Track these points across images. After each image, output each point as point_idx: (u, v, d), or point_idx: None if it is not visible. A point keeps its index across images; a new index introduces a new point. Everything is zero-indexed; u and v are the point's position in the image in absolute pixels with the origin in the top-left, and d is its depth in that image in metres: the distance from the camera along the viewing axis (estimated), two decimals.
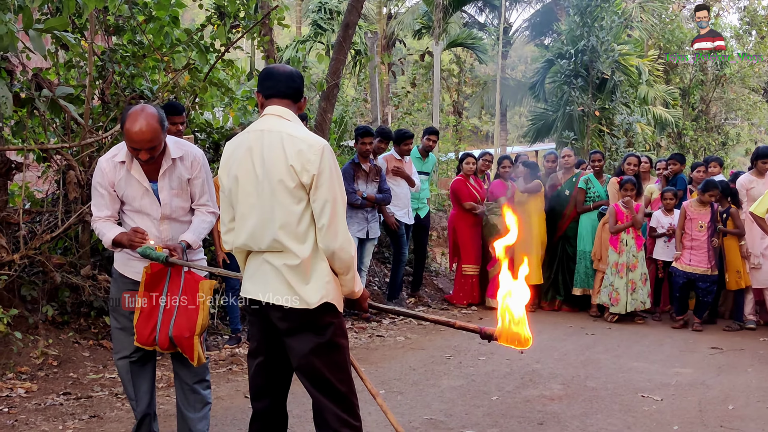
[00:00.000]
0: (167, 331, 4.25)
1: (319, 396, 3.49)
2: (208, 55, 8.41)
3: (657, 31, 27.12)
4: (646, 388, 6.53)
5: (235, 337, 7.80)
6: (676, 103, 26.06)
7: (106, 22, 7.92)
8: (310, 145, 3.35)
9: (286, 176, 3.34)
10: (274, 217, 3.38)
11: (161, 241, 4.39)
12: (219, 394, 6.20)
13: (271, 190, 3.38)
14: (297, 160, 3.33)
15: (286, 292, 3.40)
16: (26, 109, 7.06)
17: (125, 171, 4.30)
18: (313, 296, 3.39)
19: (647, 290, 9.64)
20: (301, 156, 3.33)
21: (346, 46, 11.27)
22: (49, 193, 8.05)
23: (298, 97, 3.62)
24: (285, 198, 3.35)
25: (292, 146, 3.35)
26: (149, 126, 4.06)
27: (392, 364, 7.33)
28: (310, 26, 26.89)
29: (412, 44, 34.44)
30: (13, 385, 6.05)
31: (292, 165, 3.33)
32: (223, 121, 10.02)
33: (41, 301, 7.06)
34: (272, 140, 3.41)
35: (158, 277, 4.33)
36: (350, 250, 3.43)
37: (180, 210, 4.47)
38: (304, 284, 3.39)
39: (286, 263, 3.38)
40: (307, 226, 3.40)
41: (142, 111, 4.03)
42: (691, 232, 9.31)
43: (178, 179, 4.41)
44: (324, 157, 3.35)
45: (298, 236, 3.38)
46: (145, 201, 4.36)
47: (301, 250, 3.37)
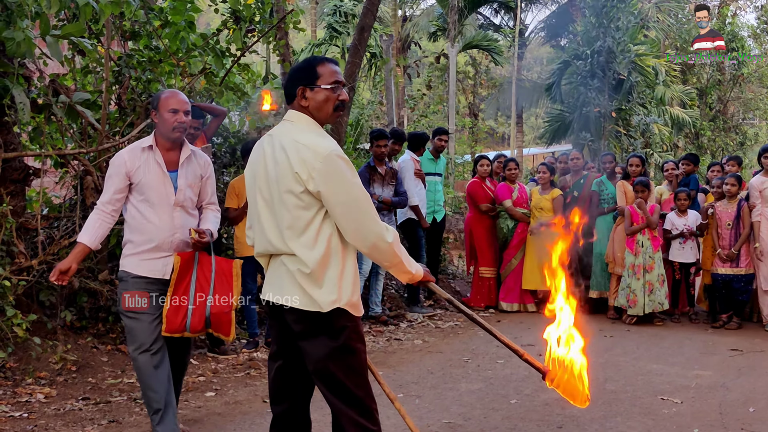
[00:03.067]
0: (203, 312, 4.56)
1: (335, 401, 3.47)
2: (224, 60, 8.44)
3: (673, 31, 27.00)
4: (665, 391, 6.48)
5: (252, 341, 7.81)
6: (693, 104, 25.93)
7: (123, 27, 7.95)
8: (315, 152, 3.30)
9: (292, 182, 3.33)
10: (282, 222, 3.38)
11: (174, 229, 4.69)
12: (237, 399, 6.21)
13: (279, 195, 3.39)
14: (302, 167, 3.30)
15: (300, 295, 3.39)
16: (43, 115, 7.09)
17: (147, 156, 4.67)
18: (326, 300, 3.37)
19: (665, 291, 9.59)
20: (305, 163, 3.29)
21: (362, 49, 11.26)
22: (66, 198, 8.08)
23: (289, 98, 3.57)
24: (292, 204, 3.34)
25: (296, 153, 3.32)
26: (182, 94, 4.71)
27: (410, 368, 7.31)
28: (325, 29, 26.89)
29: (427, 47, 34.43)
30: (32, 390, 6.07)
31: (297, 172, 3.31)
32: (239, 125, 10.03)
33: (59, 307, 7.09)
34: (281, 145, 3.41)
35: (188, 263, 4.65)
36: (387, 238, 3.37)
37: (190, 201, 4.80)
38: (317, 288, 3.36)
39: (300, 268, 3.37)
40: (317, 232, 3.36)
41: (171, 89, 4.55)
42: (721, 231, 9.33)
43: (194, 173, 4.81)
44: (330, 163, 3.29)
45: (306, 242, 3.35)
46: (162, 187, 4.66)
47: (310, 256, 3.35)
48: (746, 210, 9.32)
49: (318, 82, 3.47)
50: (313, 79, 3.48)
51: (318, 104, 3.49)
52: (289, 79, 3.57)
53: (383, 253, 3.41)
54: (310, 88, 3.47)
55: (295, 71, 3.57)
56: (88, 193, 7.06)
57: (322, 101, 3.49)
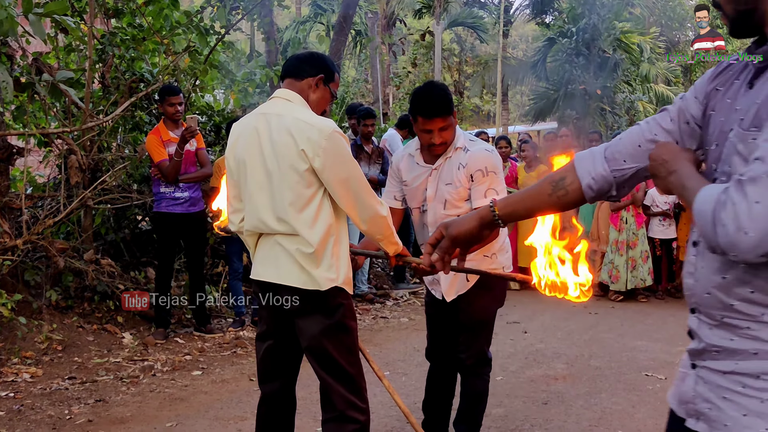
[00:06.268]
0: None
1: (327, 377, 3.49)
2: (208, 38, 8.39)
3: (658, 8, 27.01)
4: (650, 367, 6.54)
5: (239, 320, 7.81)
6: (677, 81, 26.00)
7: (106, 5, 7.90)
8: (320, 130, 3.33)
9: (297, 160, 3.33)
10: (284, 200, 3.38)
11: None
12: (224, 377, 6.22)
13: (281, 174, 3.38)
14: (308, 145, 3.31)
15: (298, 274, 3.40)
16: (27, 93, 7.04)
17: None
18: (324, 279, 3.39)
19: (648, 268, 9.65)
20: (311, 141, 3.31)
21: (347, 26, 11.23)
22: (50, 177, 8.05)
23: (299, 74, 3.59)
24: (295, 182, 3.34)
25: (300, 131, 3.34)
26: None
27: (396, 345, 7.34)
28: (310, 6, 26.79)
29: (412, 24, 34.30)
30: (18, 370, 6.06)
31: (303, 149, 3.32)
32: (224, 104, 10.00)
33: (45, 286, 7.07)
34: (280, 124, 3.41)
35: None
36: (382, 212, 3.49)
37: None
38: (315, 267, 3.39)
39: (299, 248, 3.38)
40: (317, 210, 3.39)
41: None
42: None
43: None
44: (334, 141, 3.34)
45: (307, 220, 3.37)
46: None
47: (311, 235, 3.37)
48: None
49: (331, 84, 3.64)
50: (330, 79, 3.63)
51: (319, 100, 3.61)
52: (311, 62, 3.63)
53: (379, 225, 3.50)
54: (325, 83, 3.60)
55: (322, 60, 3.69)
56: (73, 172, 7.03)
57: (323, 100, 3.63)
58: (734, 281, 1.67)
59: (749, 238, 1.47)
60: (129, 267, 7.96)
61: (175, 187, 7.11)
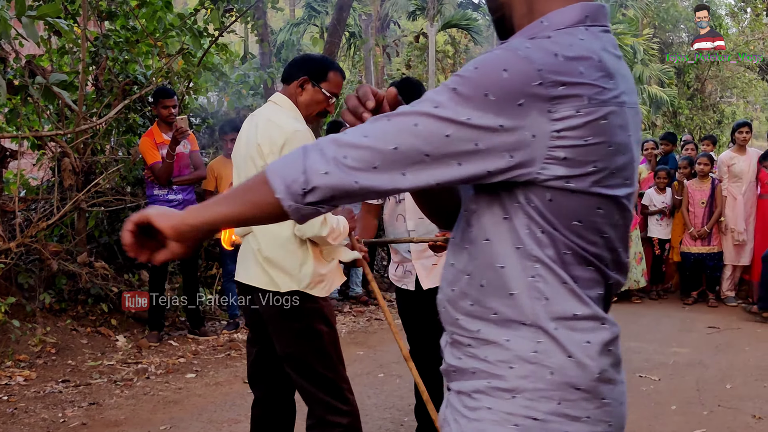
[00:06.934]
0: None
1: (303, 383, 3.47)
2: (202, 40, 8.39)
3: (651, 9, 27.06)
4: (643, 368, 6.54)
5: (232, 323, 7.80)
6: (671, 82, 26.01)
7: (99, 7, 7.88)
8: (281, 129, 3.31)
9: (255, 155, 3.35)
10: None
11: None
12: (218, 380, 6.21)
13: (245, 169, 3.42)
14: (265, 140, 3.32)
15: (260, 275, 3.40)
16: (20, 96, 7.02)
17: None
18: (283, 281, 3.37)
19: (642, 269, 9.68)
20: (270, 138, 3.31)
21: (341, 28, 11.23)
22: (44, 180, 8.03)
23: (287, 78, 3.57)
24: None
25: (265, 129, 3.35)
26: None
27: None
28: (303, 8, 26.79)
29: (406, 26, 34.28)
30: (11, 373, 6.05)
31: (259, 144, 3.33)
32: (217, 106, 9.99)
33: (38, 289, 7.06)
34: (254, 123, 3.45)
35: None
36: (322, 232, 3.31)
37: None
38: (272, 267, 3.38)
39: (259, 248, 3.39)
40: None
41: None
42: (694, 209, 9.43)
43: None
44: (289, 140, 3.27)
45: None
46: None
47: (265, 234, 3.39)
48: (720, 189, 9.42)
49: (323, 83, 3.52)
50: (320, 79, 3.51)
51: (309, 101, 3.52)
52: (297, 65, 3.59)
53: (322, 241, 3.38)
54: (313, 83, 3.50)
55: (309, 61, 3.62)
56: (66, 174, 7.03)
57: (314, 101, 3.52)
58: (459, 294, 1.61)
59: None
60: (122, 269, 7.94)
61: (168, 189, 7.10)
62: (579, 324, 1.53)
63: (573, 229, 1.48)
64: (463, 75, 1.42)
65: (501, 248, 1.51)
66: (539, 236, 1.48)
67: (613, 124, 1.44)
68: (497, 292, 1.53)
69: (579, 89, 1.40)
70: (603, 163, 1.44)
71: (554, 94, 1.39)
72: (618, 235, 1.55)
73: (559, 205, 1.45)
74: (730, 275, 9.48)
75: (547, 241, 1.48)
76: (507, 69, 1.39)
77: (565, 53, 1.43)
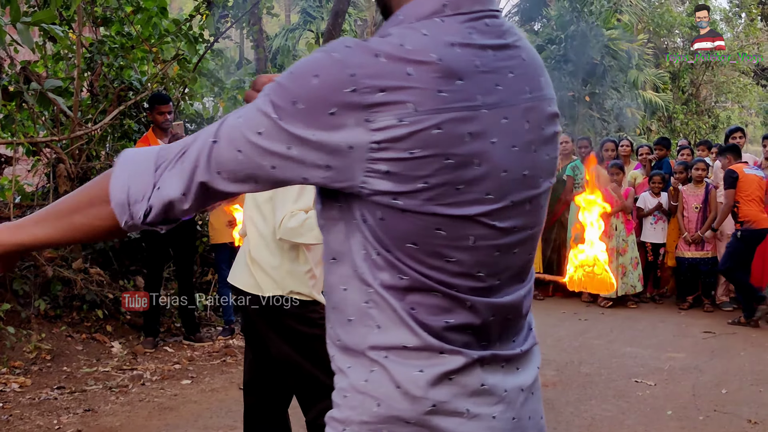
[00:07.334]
0: None
1: (301, 388, 3.46)
2: (197, 46, 8.39)
3: (646, 15, 27.12)
4: (639, 374, 6.55)
5: (228, 329, 7.79)
6: (666, 87, 26.07)
7: (94, 13, 7.89)
8: None
9: None
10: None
11: None
12: (213, 386, 6.20)
13: None
14: None
15: (247, 277, 3.41)
16: (15, 102, 7.02)
17: None
18: (267, 284, 3.38)
19: (638, 274, 9.69)
20: None
21: (336, 33, 11.23)
22: (39, 186, 8.02)
23: None
24: None
25: None
26: None
27: None
28: (299, 14, 26.80)
29: None
30: (6, 380, 6.03)
31: None
32: (213, 112, 9.98)
33: (33, 295, 7.04)
34: None
35: None
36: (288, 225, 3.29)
37: None
38: (261, 272, 3.39)
39: (251, 248, 3.40)
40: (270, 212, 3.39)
41: None
42: (688, 214, 9.46)
43: None
44: None
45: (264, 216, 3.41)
46: None
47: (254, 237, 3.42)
48: (714, 194, 9.45)
49: None
50: None
51: None
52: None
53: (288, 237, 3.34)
54: None
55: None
56: (61, 180, 7.02)
57: None
58: (327, 314, 1.51)
59: None
60: (118, 275, 7.93)
61: None
62: (411, 354, 1.35)
63: (408, 252, 1.31)
64: (279, 81, 1.31)
65: (344, 269, 1.39)
66: (374, 258, 1.33)
67: (452, 134, 1.25)
68: (340, 317, 1.42)
69: (402, 95, 1.23)
70: (438, 178, 1.26)
71: (371, 101, 1.24)
72: (477, 258, 1.35)
73: (389, 225, 1.30)
74: (725, 281, 9.50)
75: (383, 263, 1.33)
76: (318, 74, 1.26)
77: (391, 53, 1.26)
